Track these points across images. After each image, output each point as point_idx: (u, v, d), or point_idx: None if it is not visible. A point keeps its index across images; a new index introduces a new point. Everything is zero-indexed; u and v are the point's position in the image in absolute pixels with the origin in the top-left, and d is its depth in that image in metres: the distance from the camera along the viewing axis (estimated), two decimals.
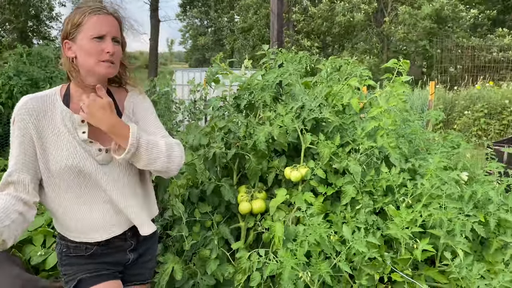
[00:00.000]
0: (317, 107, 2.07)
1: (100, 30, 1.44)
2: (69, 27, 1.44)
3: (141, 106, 1.67)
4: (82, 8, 1.46)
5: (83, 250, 1.53)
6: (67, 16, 1.48)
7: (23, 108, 1.41)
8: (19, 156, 1.41)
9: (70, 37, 1.45)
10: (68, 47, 1.46)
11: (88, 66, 1.45)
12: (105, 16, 1.47)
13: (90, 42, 1.43)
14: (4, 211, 1.29)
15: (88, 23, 1.43)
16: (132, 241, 1.61)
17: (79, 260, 1.54)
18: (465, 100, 9.86)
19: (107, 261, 1.58)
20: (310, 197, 1.95)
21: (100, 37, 1.44)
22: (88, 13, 1.44)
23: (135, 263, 1.67)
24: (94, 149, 1.48)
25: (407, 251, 1.75)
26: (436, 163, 1.95)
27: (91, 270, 1.54)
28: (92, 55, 1.44)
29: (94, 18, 1.44)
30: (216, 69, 2.49)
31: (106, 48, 1.45)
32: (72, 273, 1.54)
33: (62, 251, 1.56)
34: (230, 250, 2.09)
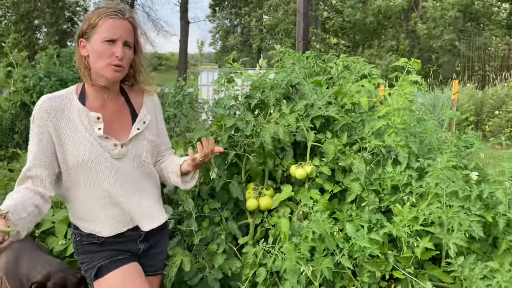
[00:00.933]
0: (324, 105, 2.09)
1: (113, 34, 1.51)
2: (86, 26, 1.52)
3: (159, 109, 1.80)
4: (100, 9, 1.53)
5: (96, 238, 1.62)
6: (86, 15, 1.56)
7: (42, 107, 1.51)
8: (38, 153, 1.50)
9: (85, 36, 1.53)
10: (83, 46, 1.54)
11: (97, 67, 1.53)
12: (120, 21, 1.53)
13: (102, 44, 1.51)
14: (21, 203, 1.38)
15: (102, 26, 1.50)
16: (142, 232, 1.68)
17: (92, 247, 1.63)
18: (494, 100, 9.53)
19: (119, 248, 1.66)
20: (316, 194, 1.98)
21: (112, 41, 1.51)
22: (104, 16, 1.51)
23: (146, 254, 1.74)
24: (110, 144, 1.56)
25: (409, 249, 1.75)
26: (444, 162, 1.93)
27: (107, 256, 1.62)
28: (102, 58, 1.52)
29: (109, 22, 1.51)
30: (229, 70, 2.54)
31: (116, 52, 1.52)
32: (89, 261, 1.62)
33: (76, 240, 1.65)
34: (238, 246, 2.14)
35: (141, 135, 1.66)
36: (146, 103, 1.72)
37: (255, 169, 2.19)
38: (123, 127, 1.63)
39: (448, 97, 9.33)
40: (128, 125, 1.65)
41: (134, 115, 1.67)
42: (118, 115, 1.65)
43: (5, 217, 1.26)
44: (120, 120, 1.64)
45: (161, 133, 1.81)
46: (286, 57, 2.30)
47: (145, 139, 1.67)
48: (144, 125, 1.67)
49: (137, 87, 1.74)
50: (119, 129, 1.62)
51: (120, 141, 1.59)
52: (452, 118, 3.04)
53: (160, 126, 1.80)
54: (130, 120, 1.66)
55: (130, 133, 1.62)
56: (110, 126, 1.59)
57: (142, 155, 1.65)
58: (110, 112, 1.61)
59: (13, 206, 1.34)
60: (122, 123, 1.64)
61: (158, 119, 1.78)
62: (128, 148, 1.61)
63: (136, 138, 1.64)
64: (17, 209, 1.33)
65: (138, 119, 1.66)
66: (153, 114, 1.74)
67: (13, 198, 1.40)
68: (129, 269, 1.62)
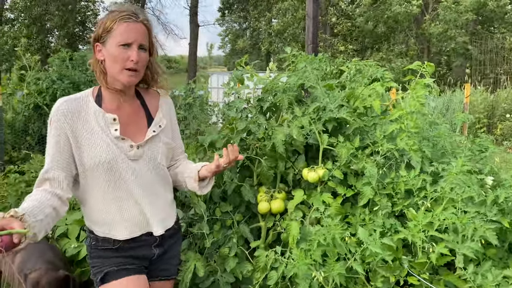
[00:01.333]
0: (336, 108, 2.08)
1: (128, 37, 1.51)
2: (101, 30, 1.52)
3: (174, 113, 1.81)
4: (114, 13, 1.53)
5: (111, 243, 1.61)
6: (101, 19, 1.56)
7: (59, 109, 1.52)
8: (55, 155, 1.51)
9: (101, 41, 1.53)
10: (99, 50, 1.54)
11: (112, 72, 1.54)
12: (134, 24, 1.53)
13: (117, 48, 1.50)
14: (39, 205, 1.38)
15: (117, 30, 1.50)
16: (157, 237, 1.67)
17: (107, 253, 1.62)
18: (507, 103, 9.42)
19: (134, 255, 1.65)
20: (328, 198, 1.97)
21: (127, 45, 1.51)
22: (119, 19, 1.50)
23: (160, 258, 1.73)
24: (126, 145, 1.57)
25: (424, 254, 1.73)
26: (459, 167, 1.91)
27: (118, 263, 1.61)
28: (117, 62, 1.52)
29: (123, 26, 1.50)
30: (240, 72, 2.55)
31: (131, 56, 1.51)
32: (99, 266, 1.62)
33: (91, 244, 1.64)
34: (250, 249, 2.14)
35: (157, 137, 1.66)
36: (162, 106, 1.73)
37: (266, 173, 2.19)
38: (139, 129, 1.64)
39: (460, 100, 9.25)
40: (144, 128, 1.65)
41: (149, 118, 1.67)
42: (134, 118, 1.65)
43: (22, 219, 1.26)
44: (136, 122, 1.65)
45: (176, 136, 1.82)
46: (298, 60, 2.29)
47: (160, 141, 1.67)
48: (159, 129, 1.67)
49: (152, 90, 1.75)
50: (135, 131, 1.63)
51: (135, 142, 1.60)
52: (464, 122, 3.01)
53: (174, 129, 1.80)
54: (146, 123, 1.66)
55: (146, 135, 1.63)
56: (126, 128, 1.60)
57: (157, 157, 1.65)
58: (126, 114, 1.62)
59: (30, 208, 1.34)
60: (138, 125, 1.65)
61: (172, 122, 1.79)
62: (144, 150, 1.62)
63: (152, 140, 1.64)
64: (34, 211, 1.34)
65: (154, 123, 1.67)
66: (168, 118, 1.75)
67: (31, 200, 1.41)
68: (135, 281, 1.62)
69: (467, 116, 2.82)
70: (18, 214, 1.26)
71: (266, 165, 2.15)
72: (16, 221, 1.23)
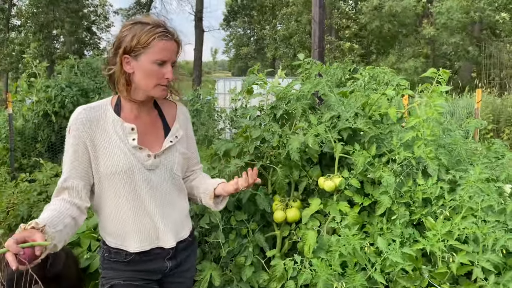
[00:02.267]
0: (352, 118, 2.07)
1: (164, 56, 1.50)
2: (134, 44, 1.46)
3: (190, 124, 1.80)
4: (150, 28, 1.48)
5: (123, 257, 1.60)
6: (132, 32, 1.48)
7: (77, 118, 1.51)
8: (74, 163, 1.50)
9: (132, 54, 1.48)
10: (127, 62, 1.49)
11: (144, 87, 1.52)
12: (171, 43, 1.52)
13: (152, 65, 1.49)
14: (58, 215, 1.38)
15: (155, 47, 1.47)
16: (170, 249, 1.66)
17: (118, 265, 1.61)
18: None
19: (145, 269, 1.63)
20: (345, 207, 1.95)
21: (163, 63, 1.51)
22: (158, 36, 1.47)
23: (174, 271, 1.70)
24: (143, 155, 1.56)
25: (444, 264, 1.71)
26: (477, 174, 1.89)
27: (126, 277, 1.60)
28: (152, 79, 1.51)
29: (161, 44, 1.48)
30: (253, 79, 2.55)
31: (166, 74, 1.51)
32: (109, 277, 1.61)
33: (104, 255, 1.64)
34: (266, 258, 2.12)
35: (173, 147, 1.66)
36: (179, 117, 1.72)
37: (281, 181, 2.18)
38: (156, 139, 1.64)
39: (468, 104, 9.18)
40: (161, 138, 1.65)
41: (166, 129, 1.67)
42: (151, 128, 1.65)
43: (43, 230, 1.26)
44: (153, 132, 1.65)
45: (191, 147, 1.81)
46: (313, 69, 2.28)
47: (177, 151, 1.67)
48: (176, 139, 1.67)
49: (169, 100, 1.75)
50: (152, 140, 1.62)
51: (153, 151, 1.60)
52: (477, 128, 2.99)
53: (190, 140, 1.80)
54: (163, 133, 1.66)
55: (163, 145, 1.63)
56: (143, 138, 1.60)
57: (173, 167, 1.65)
58: (144, 124, 1.62)
59: (50, 219, 1.34)
60: (155, 135, 1.65)
61: (188, 133, 1.78)
62: (161, 160, 1.61)
63: (169, 150, 1.64)
64: (53, 222, 1.34)
65: (170, 133, 1.67)
66: (184, 128, 1.75)
67: (50, 210, 1.40)
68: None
69: (480, 122, 2.80)
70: (39, 226, 1.26)
71: (281, 174, 2.14)
72: (38, 233, 1.23)
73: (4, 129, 5.54)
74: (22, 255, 1.17)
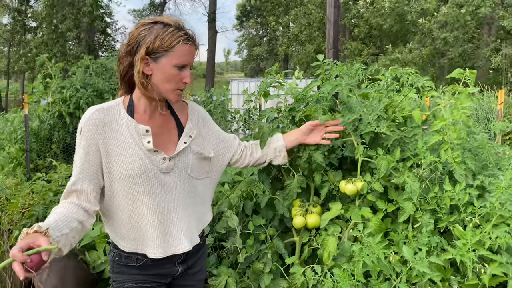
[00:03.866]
0: (375, 121, 2.00)
1: (185, 60, 1.48)
2: (157, 45, 1.43)
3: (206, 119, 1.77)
4: (173, 30, 1.44)
5: (134, 261, 1.57)
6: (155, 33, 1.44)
7: (90, 119, 1.47)
8: (84, 166, 1.47)
9: (153, 56, 1.45)
10: (146, 63, 1.45)
11: (162, 90, 1.49)
12: (192, 47, 1.49)
13: (171, 69, 1.46)
14: (64, 219, 1.34)
15: (177, 51, 1.44)
16: (182, 254, 1.62)
17: (129, 269, 1.58)
18: None
19: (156, 273, 1.60)
20: (368, 213, 1.88)
21: (183, 67, 1.48)
22: (182, 40, 1.44)
23: (184, 274, 1.68)
24: (159, 158, 1.52)
25: (474, 275, 1.63)
26: (507, 180, 1.80)
27: (137, 280, 1.58)
28: (171, 82, 1.48)
29: (184, 48, 1.46)
30: (270, 81, 2.48)
31: (185, 79, 1.49)
32: (120, 281, 1.59)
33: (115, 259, 1.61)
34: (284, 265, 2.06)
35: (187, 148, 1.61)
36: (191, 115, 1.68)
37: (292, 189, 2.08)
38: (170, 140, 1.60)
39: (483, 106, 8.97)
40: (175, 139, 1.61)
41: (180, 128, 1.63)
42: (165, 129, 1.61)
43: (46, 233, 1.22)
44: (167, 133, 1.61)
45: (218, 137, 1.80)
46: (333, 70, 2.21)
47: (191, 152, 1.62)
48: (190, 139, 1.62)
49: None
50: (166, 142, 1.58)
51: (168, 154, 1.55)
52: (503, 130, 2.88)
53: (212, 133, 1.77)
54: (176, 133, 1.62)
55: (177, 146, 1.58)
56: (158, 139, 1.56)
57: (188, 169, 1.60)
58: (158, 125, 1.58)
59: (55, 222, 1.30)
60: (169, 136, 1.61)
61: (208, 129, 1.74)
62: (175, 162, 1.57)
63: (183, 152, 1.60)
64: (58, 225, 1.30)
65: (184, 133, 1.62)
66: (199, 127, 1.70)
67: (56, 213, 1.37)
68: None
69: (507, 125, 2.70)
70: (42, 229, 1.21)
71: (296, 182, 2.05)
72: (42, 237, 1.19)
73: (20, 129, 5.57)
74: (29, 263, 1.13)
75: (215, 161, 1.77)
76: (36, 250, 1.15)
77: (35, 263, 1.14)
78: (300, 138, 1.93)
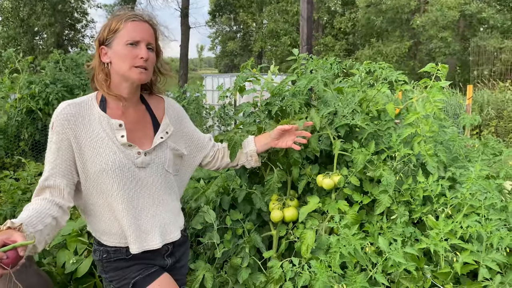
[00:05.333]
0: (350, 114, 2.02)
1: (135, 36, 1.48)
2: (106, 33, 1.49)
3: (181, 115, 1.76)
4: (119, 15, 1.50)
5: (124, 253, 1.54)
6: (104, 24, 1.53)
7: (61, 114, 1.44)
8: (56, 161, 1.43)
9: (106, 43, 1.49)
10: (104, 53, 1.50)
11: (121, 71, 1.49)
12: (141, 23, 1.51)
13: (125, 47, 1.47)
14: (38, 215, 1.31)
15: (124, 29, 1.47)
16: (168, 246, 1.61)
17: (122, 263, 1.55)
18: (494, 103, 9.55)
19: (148, 262, 1.58)
20: (344, 206, 1.90)
21: (135, 43, 1.48)
22: (125, 19, 1.48)
23: (173, 268, 1.67)
24: (133, 152, 1.50)
25: (447, 264, 1.67)
26: (477, 171, 1.86)
27: (140, 270, 1.54)
28: (126, 60, 1.47)
29: (130, 25, 1.48)
30: (246, 75, 2.47)
31: (140, 54, 1.48)
32: (120, 278, 1.55)
33: (103, 257, 1.56)
34: (262, 259, 2.06)
35: (164, 144, 1.60)
36: (168, 111, 1.67)
37: (273, 184, 2.10)
38: (145, 135, 1.57)
39: (452, 102, 9.25)
40: (150, 134, 1.59)
41: (155, 124, 1.61)
42: (140, 124, 1.59)
43: (20, 229, 1.18)
44: (142, 128, 1.58)
45: (192, 135, 1.80)
46: (309, 64, 2.22)
47: (167, 147, 1.61)
48: (167, 135, 1.61)
49: (156, 95, 1.69)
50: (141, 137, 1.56)
51: (143, 149, 1.53)
52: (472, 124, 2.97)
53: (188, 130, 1.77)
54: (152, 128, 1.60)
55: (153, 141, 1.56)
56: (132, 134, 1.53)
57: (165, 164, 1.59)
58: (131, 120, 1.55)
59: (28, 218, 1.26)
60: (144, 131, 1.58)
61: (183, 126, 1.74)
62: (152, 157, 1.55)
63: (160, 147, 1.58)
64: (32, 221, 1.26)
65: (160, 129, 1.60)
66: (176, 123, 1.69)
67: (29, 210, 1.33)
68: (165, 280, 1.56)
69: (475, 118, 2.78)
70: (15, 225, 1.18)
71: (276, 176, 2.05)
72: (16, 233, 1.15)
73: None
74: (6, 260, 1.09)
75: (186, 160, 1.78)
76: (12, 246, 1.11)
77: (12, 259, 1.10)
78: (270, 143, 1.92)
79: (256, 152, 1.92)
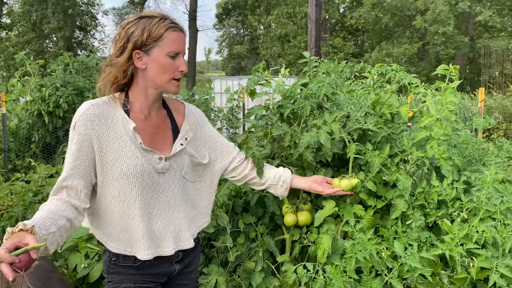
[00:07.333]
0: (363, 117, 2.01)
1: (177, 48, 1.46)
2: (145, 37, 1.42)
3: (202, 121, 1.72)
4: (157, 19, 1.44)
5: (132, 261, 1.53)
6: (135, 23, 1.44)
7: (85, 114, 1.42)
8: (76, 162, 1.42)
9: (143, 48, 1.43)
10: (138, 57, 1.44)
11: (159, 81, 1.47)
12: (181, 34, 1.48)
13: (165, 58, 1.44)
14: (52, 217, 1.30)
15: (167, 39, 1.43)
16: (179, 253, 1.60)
17: (127, 270, 1.54)
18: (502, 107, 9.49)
19: (154, 272, 1.58)
20: (360, 210, 1.89)
21: (176, 55, 1.46)
22: (169, 28, 1.44)
23: (180, 273, 1.66)
24: (155, 157, 1.49)
25: (463, 269, 1.65)
26: (492, 175, 1.84)
27: (135, 281, 1.54)
28: (166, 72, 1.46)
29: (173, 35, 1.45)
30: (258, 78, 2.47)
31: (180, 67, 1.47)
32: (117, 282, 1.55)
33: (111, 259, 1.55)
34: (275, 263, 2.05)
35: (183, 150, 1.59)
36: (188, 117, 1.66)
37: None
38: (165, 141, 1.57)
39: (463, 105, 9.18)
40: (170, 139, 1.58)
41: (175, 130, 1.60)
42: (160, 128, 1.58)
43: (32, 231, 1.17)
44: (162, 133, 1.58)
45: (215, 138, 1.76)
46: (320, 67, 2.22)
47: (186, 154, 1.60)
48: (186, 141, 1.60)
49: (176, 100, 1.70)
50: (161, 142, 1.56)
51: (164, 154, 1.52)
52: (485, 127, 2.94)
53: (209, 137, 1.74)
54: (172, 134, 1.59)
55: (173, 147, 1.55)
56: (153, 139, 1.53)
57: (182, 171, 1.58)
58: (153, 125, 1.55)
59: (42, 220, 1.26)
60: (164, 136, 1.58)
61: (204, 132, 1.72)
62: (171, 163, 1.54)
63: (179, 153, 1.57)
64: (45, 223, 1.25)
65: (180, 135, 1.60)
66: (196, 129, 1.68)
67: (44, 210, 1.33)
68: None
69: (488, 121, 2.75)
70: (28, 227, 1.17)
71: None
72: (28, 235, 1.15)
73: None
74: (18, 264, 1.09)
75: (210, 165, 1.74)
76: (24, 249, 1.11)
77: (24, 262, 1.10)
78: (312, 185, 1.84)
79: (291, 180, 1.84)
